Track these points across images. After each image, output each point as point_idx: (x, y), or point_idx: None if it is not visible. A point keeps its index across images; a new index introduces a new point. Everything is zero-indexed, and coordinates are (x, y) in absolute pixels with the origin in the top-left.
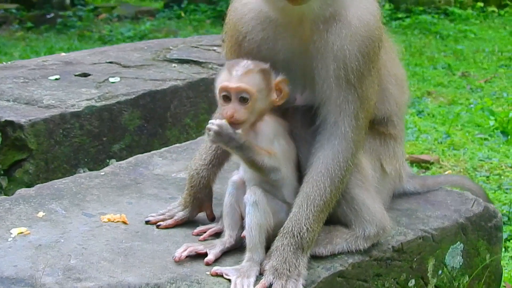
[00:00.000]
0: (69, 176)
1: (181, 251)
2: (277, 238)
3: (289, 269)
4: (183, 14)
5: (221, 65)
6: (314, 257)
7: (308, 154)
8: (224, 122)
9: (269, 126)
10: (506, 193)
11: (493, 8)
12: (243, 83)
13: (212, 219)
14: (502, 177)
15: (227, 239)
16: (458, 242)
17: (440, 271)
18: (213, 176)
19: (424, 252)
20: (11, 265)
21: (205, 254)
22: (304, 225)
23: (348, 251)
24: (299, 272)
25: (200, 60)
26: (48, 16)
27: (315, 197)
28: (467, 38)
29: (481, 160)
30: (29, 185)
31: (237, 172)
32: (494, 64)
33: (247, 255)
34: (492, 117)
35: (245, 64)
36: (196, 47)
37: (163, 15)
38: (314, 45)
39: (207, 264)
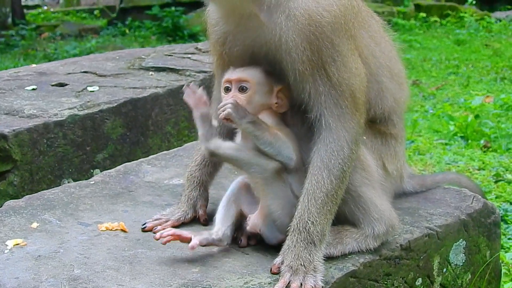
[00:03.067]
0: (54, 187)
1: (165, 233)
2: (287, 237)
3: (304, 265)
4: (127, 31)
5: (199, 72)
6: (326, 258)
7: (307, 153)
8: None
9: (270, 119)
10: None
11: (435, 18)
12: (244, 74)
13: (204, 221)
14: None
15: (214, 231)
16: (461, 239)
17: (444, 269)
18: (207, 177)
19: (430, 250)
20: (12, 277)
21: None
22: (308, 219)
23: (358, 251)
24: (314, 267)
25: (177, 68)
26: None
27: (314, 190)
28: (413, 48)
29: (448, 164)
30: (14, 197)
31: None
32: (443, 72)
33: None
34: (451, 122)
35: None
36: (170, 55)
37: (108, 32)
38: (268, 40)
39: (192, 248)
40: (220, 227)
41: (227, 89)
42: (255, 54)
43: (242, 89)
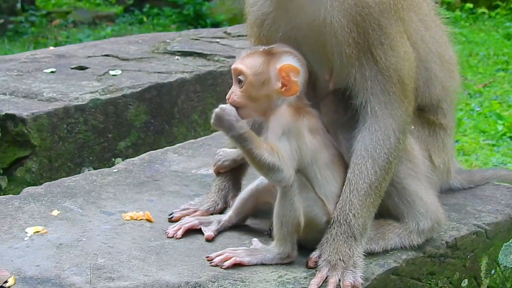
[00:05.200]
0: (73, 175)
1: (176, 229)
2: (327, 230)
3: (343, 260)
4: (145, 19)
5: (229, 57)
6: (366, 253)
7: (350, 141)
8: (228, 106)
9: (279, 121)
10: None
11: (483, 10)
12: (241, 64)
13: None
14: None
15: (225, 220)
16: (511, 239)
17: (493, 271)
18: (240, 166)
19: (478, 249)
20: (33, 264)
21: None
22: (349, 211)
23: (401, 247)
24: (354, 262)
25: (204, 52)
26: None
27: (357, 181)
28: (458, 41)
29: (495, 165)
30: (31, 185)
31: None
32: (491, 68)
33: (273, 242)
34: (500, 122)
35: (258, 47)
36: (196, 39)
37: (124, 20)
38: (312, 21)
39: (208, 240)
40: (232, 216)
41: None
42: (296, 36)
43: (239, 82)
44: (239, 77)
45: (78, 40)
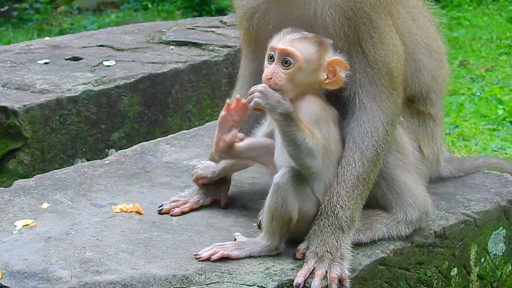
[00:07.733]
0: (66, 167)
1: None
2: (314, 221)
3: (330, 252)
4: (150, 5)
5: (224, 47)
6: (354, 244)
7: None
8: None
9: (312, 108)
10: None
11: None
12: (292, 47)
13: (225, 204)
14: None
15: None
16: (501, 227)
17: (482, 259)
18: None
19: (467, 238)
20: (21, 258)
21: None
22: (337, 202)
23: (389, 237)
24: (341, 254)
25: (199, 42)
26: (2, 9)
27: (344, 173)
28: (461, 26)
29: (494, 151)
30: (24, 177)
31: None
32: (493, 52)
33: (261, 234)
34: (500, 106)
35: (305, 32)
36: (192, 28)
37: (128, 7)
38: (302, 15)
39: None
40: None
41: (271, 58)
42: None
43: (285, 63)
44: (288, 58)
45: (83, 27)
